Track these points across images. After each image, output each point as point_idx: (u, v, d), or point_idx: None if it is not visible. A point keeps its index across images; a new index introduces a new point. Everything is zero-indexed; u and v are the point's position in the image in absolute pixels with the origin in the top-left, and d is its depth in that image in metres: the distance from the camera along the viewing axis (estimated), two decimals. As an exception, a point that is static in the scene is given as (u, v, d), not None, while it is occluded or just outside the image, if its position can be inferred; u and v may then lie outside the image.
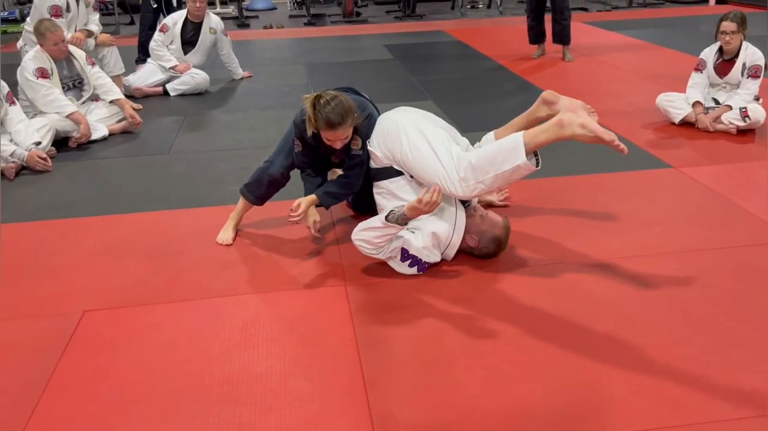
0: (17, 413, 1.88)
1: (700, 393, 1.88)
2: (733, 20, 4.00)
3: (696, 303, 2.32)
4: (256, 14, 10.64)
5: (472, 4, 10.87)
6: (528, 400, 1.87)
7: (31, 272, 2.69)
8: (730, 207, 3.07)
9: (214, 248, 2.85)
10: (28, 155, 3.77)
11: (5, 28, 9.35)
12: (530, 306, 2.33)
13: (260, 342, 2.18)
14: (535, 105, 2.74)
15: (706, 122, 4.05)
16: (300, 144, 2.73)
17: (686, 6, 10.03)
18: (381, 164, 2.60)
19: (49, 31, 4.20)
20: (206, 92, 5.61)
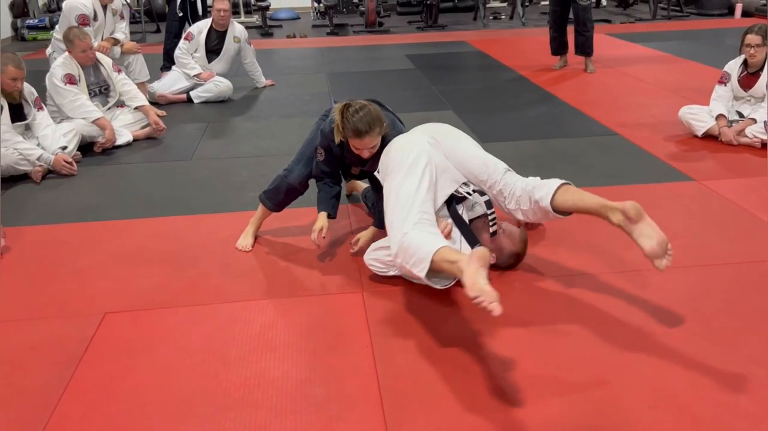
0: (38, 412, 1.91)
1: (720, 408, 1.85)
2: (758, 33, 3.96)
3: (717, 318, 2.29)
4: (279, 23, 10.75)
5: (495, 15, 10.87)
6: (545, 413, 1.86)
7: (54, 273, 2.74)
8: (753, 221, 3.03)
9: (234, 253, 2.88)
10: (55, 159, 3.84)
11: (35, 35, 9.55)
12: (548, 318, 2.32)
13: (277, 347, 2.19)
14: (614, 207, 2.24)
15: (729, 135, 4.01)
16: (323, 154, 2.73)
17: (711, 18, 9.95)
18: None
19: (78, 38, 4.29)
20: (229, 100, 5.67)
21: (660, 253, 2.05)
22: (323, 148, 2.73)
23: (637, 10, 10.89)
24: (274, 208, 2.96)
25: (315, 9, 11.25)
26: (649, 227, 2.10)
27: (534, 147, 4.18)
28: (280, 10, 11.30)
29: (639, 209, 2.12)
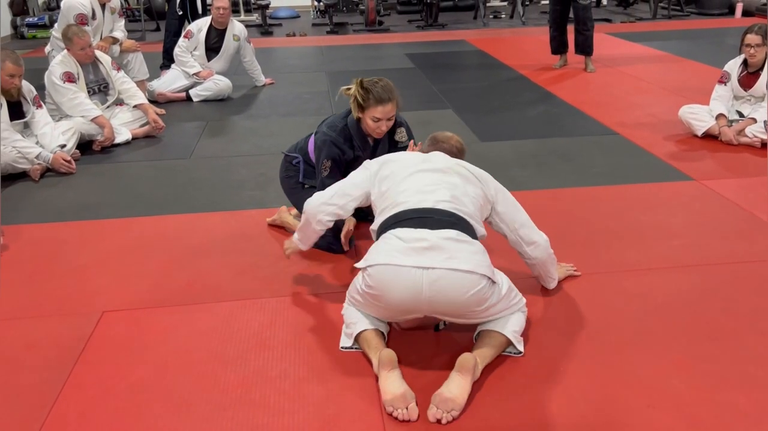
0: (35, 410, 1.91)
1: (719, 409, 1.85)
2: (758, 33, 3.96)
3: (716, 318, 2.29)
4: (279, 22, 10.74)
5: (495, 14, 10.87)
6: (544, 411, 1.86)
7: (52, 272, 2.73)
8: (752, 221, 3.03)
9: (232, 252, 2.87)
10: (53, 158, 3.84)
11: (34, 34, 9.54)
12: (547, 316, 2.31)
13: (275, 346, 2.19)
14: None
15: (729, 134, 4.01)
16: (329, 167, 2.69)
17: (711, 18, 9.94)
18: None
19: (77, 36, 4.29)
20: (228, 98, 5.67)
21: (441, 406, 1.82)
22: (330, 159, 2.70)
23: (637, 10, 10.89)
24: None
25: (315, 7, 11.25)
26: (457, 385, 1.87)
27: (533, 146, 4.18)
28: (280, 8, 11.30)
29: (463, 363, 1.90)
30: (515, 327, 2.08)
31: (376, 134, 2.68)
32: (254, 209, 3.30)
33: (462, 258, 1.92)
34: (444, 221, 2.00)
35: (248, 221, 3.17)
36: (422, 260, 1.90)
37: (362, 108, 2.60)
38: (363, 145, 2.75)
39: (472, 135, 4.46)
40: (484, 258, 1.99)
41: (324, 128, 2.76)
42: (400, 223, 2.03)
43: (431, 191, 2.09)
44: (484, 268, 1.95)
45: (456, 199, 2.09)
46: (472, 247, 1.98)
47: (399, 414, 1.81)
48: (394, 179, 2.18)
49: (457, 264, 1.90)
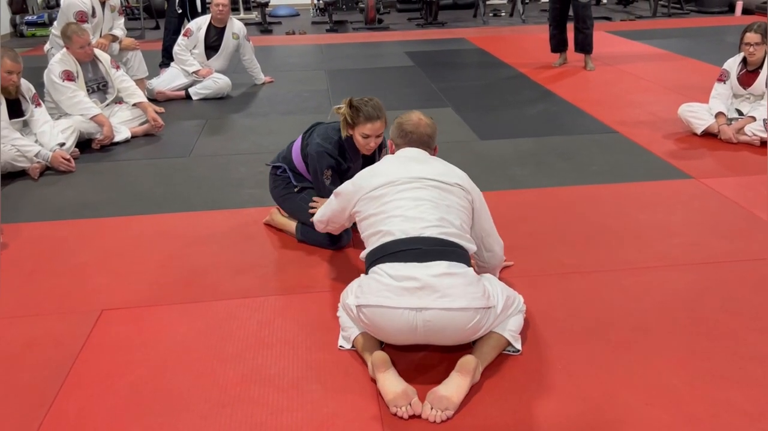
0: (35, 409, 1.91)
1: (717, 406, 1.85)
2: (757, 31, 3.96)
3: (715, 316, 2.29)
4: (279, 20, 10.74)
5: (495, 12, 10.86)
6: (542, 409, 1.86)
7: (51, 270, 2.73)
8: (751, 219, 3.03)
9: (232, 250, 2.87)
10: (53, 156, 3.83)
11: (34, 32, 9.53)
12: (546, 314, 2.31)
13: (274, 344, 2.19)
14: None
15: (729, 133, 4.01)
16: (331, 175, 2.78)
17: (711, 16, 9.94)
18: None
19: (76, 34, 4.28)
20: (228, 97, 5.67)
21: (436, 404, 1.82)
22: (330, 168, 2.77)
23: (637, 8, 10.88)
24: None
25: (314, 6, 11.24)
26: (456, 384, 1.87)
27: (533, 144, 4.18)
28: (280, 6, 11.29)
29: (464, 365, 1.90)
30: (513, 327, 2.08)
31: (365, 151, 2.75)
32: (253, 207, 3.30)
33: (455, 295, 1.89)
34: (433, 252, 1.96)
35: (247, 219, 3.17)
36: (414, 302, 1.88)
37: (351, 126, 2.67)
38: (354, 157, 2.83)
39: (471, 133, 4.46)
40: (477, 288, 1.95)
41: (318, 140, 2.80)
42: (388, 256, 1.99)
43: (416, 217, 2.03)
44: (478, 300, 1.92)
45: (442, 220, 2.04)
46: (464, 279, 1.94)
47: (403, 412, 1.81)
48: (378, 202, 2.13)
49: (450, 303, 1.88)
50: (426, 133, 2.32)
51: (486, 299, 1.96)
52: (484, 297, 1.95)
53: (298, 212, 2.90)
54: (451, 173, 2.21)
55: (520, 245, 2.80)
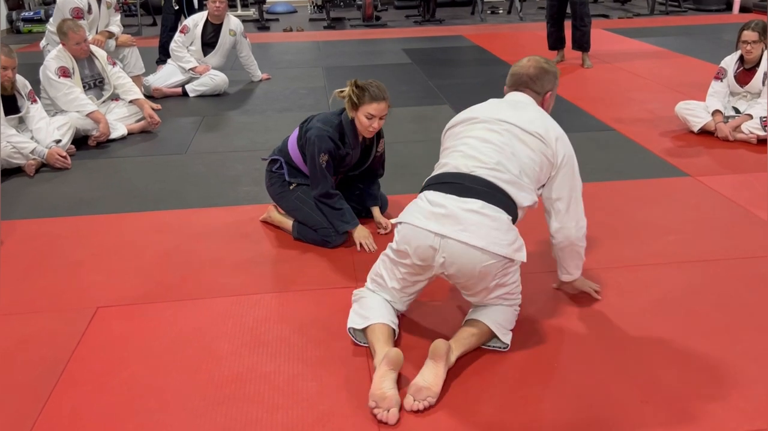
0: (29, 406, 1.91)
1: (713, 404, 1.85)
2: (755, 29, 3.96)
3: (711, 313, 2.29)
4: (276, 17, 10.72)
5: (492, 10, 10.85)
6: (537, 407, 1.86)
7: (47, 267, 2.73)
8: (748, 217, 3.03)
9: (227, 248, 2.87)
10: (48, 153, 3.82)
11: (30, 28, 9.50)
12: (541, 312, 2.31)
13: (269, 342, 2.18)
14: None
15: (725, 131, 4.01)
16: (327, 159, 2.75)
17: (708, 14, 9.94)
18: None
19: (72, 30, 4.27)
20: (225, 94, 5.65)
21: (416, 396, 1.84)
22: (327, 152, 2.74)
23: (634, 5, 10.88)
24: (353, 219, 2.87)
25: (312, 2, 11.22)
26: (432, 373, 1.89)
27: (530, 142, 4.17)
28: (277, 3, 11.26)
29: (436, 350, 1.91)
30: (501, 319, 2.08)
31: (368, 133, 2.76)
32: (250, 204, 3.29)
33: (476, 233, 1.91)
34: (473, 190, 1.98)
35: (243, 216, 3.17)
36: (437, 227, 1.94)
37: (356, 106, 2.69)
38: (354, 143, 2.82)
39: (468, 131, 4.45)
40: (505, 236, 1.95)
41: (318, 124, 2.78)
42: (433, 185, 2.07)
43: (474, 156, 2.06)
44: (499, 246, 1.93)
45: (499, 164, 2.02)
46: (492, 222, 1.94)
47: (379, 413, 1.80)
48: (454, 138, 2.19)
49: (468, 239, 1.91)
50: (527, 73, 2.24)
51: (511, 250, 1.95)
52: (509, 246, 1.94)
53: (294, 210, 2.90)
54: (539, 123, 2.12)
55: (516, 242, 2.80)
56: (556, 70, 2.30)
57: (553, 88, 2.29)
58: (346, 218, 2.82)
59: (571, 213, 2.16)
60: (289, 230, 2.94)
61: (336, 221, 2.81)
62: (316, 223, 2.82)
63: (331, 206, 2.81)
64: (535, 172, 2.08)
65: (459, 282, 2.03)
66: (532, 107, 2.20)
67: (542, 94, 2.25)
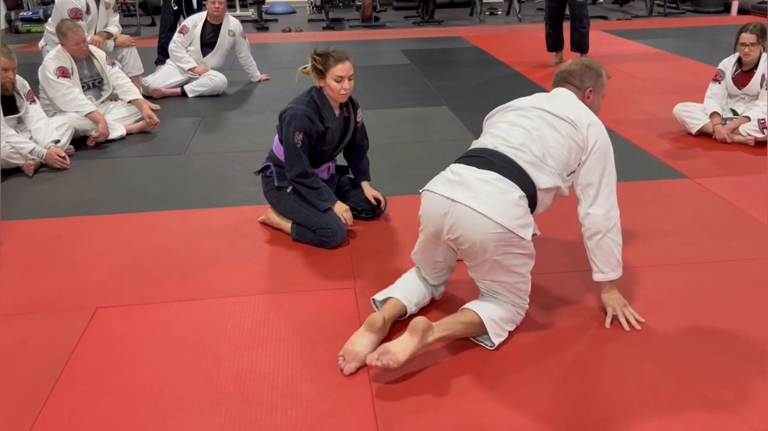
0: (28, 406, 1.91)
1: (710, 405, 1.86)
2: (753, 32, 3.97)
3: (709, 315, 2.30)
4: (275, 17, 10.72)
5: (491, 11, 10.86)
6: (535, 408, 1.86)
7: (46, 267, 2.73)
8: (745, 219, 3.04)
9: (226, 248, 2.87)
10: (47, 153, 3.82)
11: (29, 28, 9.49)
12: (539, 314, 2.32)
13: (269, 343, 2.19)
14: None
15: (723, 132, 4.02)
16: (302, 139, 2.75)
17: (707, 16, 9.96)
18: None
19: (71, 30, 4.26)
20: (224, 94, 5.65)
21: (381, 356, 1.93)
22: (302, 131, 2.75)
23: (633, 7, 10.89)
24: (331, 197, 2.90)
25: (311, 3, 11.22)
26: (404, 344, 1.97)
27: (528, 143, 4.18)
28: (276, 3, 11.26)
29: (414, 326, 1.98)
30: (495, 316, 2.09)
31: (341, 97, 2.78)
32: (248, 205, 3.30)
33: (485, 201, 1.97)
34: (493, 164, 2.05)
35: (242, 217, 3.17)
36: (450, 192, 2.03)
37: (323, 73, 2.73)
38: (331, 116, 2.83)
39: (467, 132, 4.46)
40: (512, 210, 1.97)
41: (291, 105, 2.81)
42: (461, 159, 2.16)
43: (501, 136, 2.14)
44: (504, 218, 1.95)
45: (523, 145, 2.08)
46: (504, 195, 1.98)
47: (341, 362, 2.01)
48: (491, 125, 2.27)
49: (476, 205, 1.97)
50: (567, 69, 2.31)
51: (515, 224, 1.96)
52: (513, 220, 1.96)
53: (291, 213, 2.90)
54: (573, 109, 2.16)
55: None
56: (600, 70, 2.33)
57: (596, 85, 2.30)
58: (324, 196, 2.83)
59: (600, 201, 2.13)
60: (287, 231, 2.94)
61: (315, 200, 2.82)
62: (315, 224, 2.82)
63: (308, 186, 2.81)
64: (563, 156, 2.11)
65: (462, 249, 2.06)
66: (571, 99, 2.25)
67: (583, 89, 2.29)
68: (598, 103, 2.34)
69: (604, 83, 2.34)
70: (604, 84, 2.34)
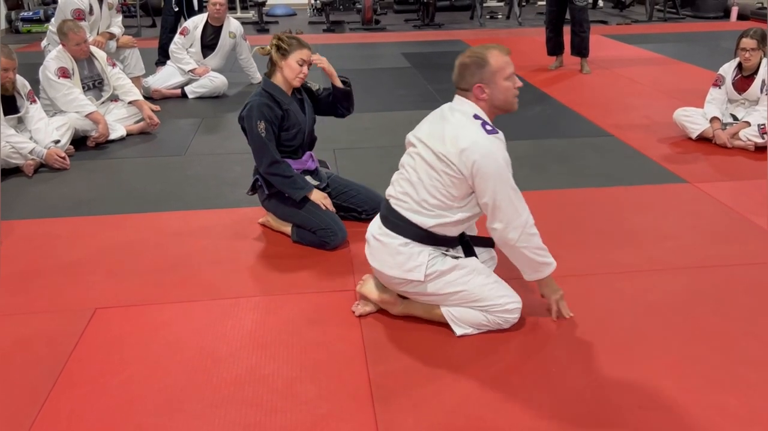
0: (27, 407, 1.90)
1: (710, 410, 1.86)
2: (753, 37, 3.97)
3: (708, 320, 2.30)
4: (276, 20, 10.73)
5: (491, 15, 10.88)
6: (535, 411, 1.86)
7: (45, 268, 2.72)
8: (745, 224, 3.04)
9: (226, 249, 2.87)
10: (47, 153, 3.82)
11: (29, 28, 9.50)
12: (540, 317, 2.32)
13: (268, 344, 2.18)
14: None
15: (723, 137, 4.02)
16: (264, 127, 2.77)
17: (707, 21, 9.98)
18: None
19: (72, 31, 4.27)
20: (224, 96, 5.66)
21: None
22: (263, 120, 2.77)
23: (633, 12, 10.92)
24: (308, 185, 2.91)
25: (312, 6, 11.23)
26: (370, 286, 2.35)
27: (529, 147, 4.19)
28: (277, 6, 11.27)
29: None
30: (454, 312, 2.20)
31: (297, 80, 2.81)
32: (248, 206, 3.29)
33: (378, 258, 2.24)
34: (386, 218, 2.24)
35: (242, 218, 3.17)
36: (366, 249, 2.34)
37: (286, 54, 2.78)
38: (286, 99, 2.85)
39: (467, 135, 4.46)
40: (394, 259, 2.18)
41: (247, 102, 2.84)
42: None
43: (393, 184, 2.28)
44: (392, 268, 2.19)
45: (405, 194, 2.18)
46: (384, 248, 2.21)
47: (356, 306, 2.34)
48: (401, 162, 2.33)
49: (372, 262, 2.27)
50: (456, 71, 2.20)
51: (400, 271, 2.17)
52: (398, 268, 2.17)
53: (290, 216, 2.90)
54: (449, 139, 2.09)
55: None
56: (483, 57, 2.12)
57: (483, 77, 2.11)
58: (299, 184, 2.83)
59: (500, 216, 2.11)
60: (287, 233, 2.94)
61: (290, 190, 2.82)
62: (314, 225, 2.82)
63: (282, 175, 2.81)
64: (444, 192, 2.12)
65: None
66: (457, 116, 2.16)
67: (470, 89, 2.15)
68: (501, 91, 2.13)
69: (496, 67, 2.10)
70: (496, 69, 2.10)
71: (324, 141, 3.20)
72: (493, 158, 2.07)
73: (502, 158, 2.10)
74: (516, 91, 2.17)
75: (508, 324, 2.21)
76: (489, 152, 2.07)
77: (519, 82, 2.19)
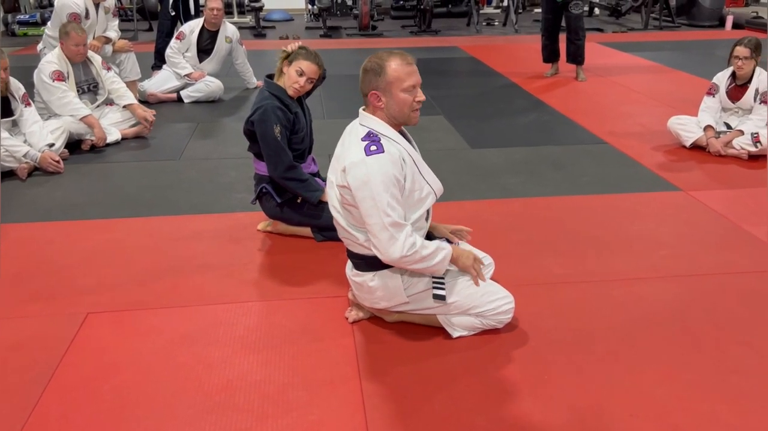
0: (17, 411, 1.89)
1: (701, 418, 1.86)
2: (747, 46, 4.00)
3: (700, 328, 2.30)
4: (272, 25, 10.73)
5: (488, 22, 10.91)
6: (528, 419, 1.86)
7: (38, 272, 2.71)
8: (738, 233, 3.05)
9: (219, 255, 2.86)
10: (41, 157, 3.81)
11: (25, 31, 9.49)
12: (533, 324, 2.32)
13: (260, 350, 2.18)
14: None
15: (717, 146, 4.04)
16: (281, 131, 2.75)
17: (702, 30, 10.03)
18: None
19: (75, 32, 4.26)
20: (220, 100, 5.66)
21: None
22: (279, 124, 2.75)
23: (629, 20, 10.96)
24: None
25: (309, 11, 11.24)
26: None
27: (524, 154, 4.19)
28: (274, 11, 11.28)
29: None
30: (455, 320, 2.22)
31: (292, 89, 2.77)
32: (242, 212, 3.29)
33: (361, 298, 2.30)
34: (349, 256, 2.29)
35: (236, 223, 3.16)
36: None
37: (289, 61, 2.76)
38: (292, 103, 2.82)
39: (463, 142, 4.47)
40: (372, 296, 2.22)
41: (255, 107, 2.79)
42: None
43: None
44: (368, 302, 2.27)
45: (340, 228, 2.20)
46: (361, 287, 2.24)
47: (349, 312, 2.36)
48: None
49: (368, 303, 2.30)
50: (360, 75, 2.05)
51: (388, 303, 2.21)
52: (384, 301, 2.21)
53: (310, 219, 2.90)
54: (340, 161, 2.06)
55: (510, 253, 2.81)
56: (380, 64, 2.01)
57: (379, 85, 2.00)
58: (314, 186, 2.85)
59: (374, 242, 2.02)
60: (301, 235, 2.94)
61: (307, 193, 2.83)
62: None
63: (298, 179, 2.81)
64: (351, 213, 2.10)
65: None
66: (353, 133, 2.08)
67: (366, 94, 2.05)
68: (397, 103, 2.03)
69: (393, 77, 1.99)
70: (392, 78, 1.99)
71: (319, 146, 3.20)
72: (369, 179, 1.96)
73: (380, 181, 1.95)
74: (416, 104, 2.05)
75: (502, 324, 2.23)
76: (367, 174, 1.96)
77: (422, 96, 2.06)
